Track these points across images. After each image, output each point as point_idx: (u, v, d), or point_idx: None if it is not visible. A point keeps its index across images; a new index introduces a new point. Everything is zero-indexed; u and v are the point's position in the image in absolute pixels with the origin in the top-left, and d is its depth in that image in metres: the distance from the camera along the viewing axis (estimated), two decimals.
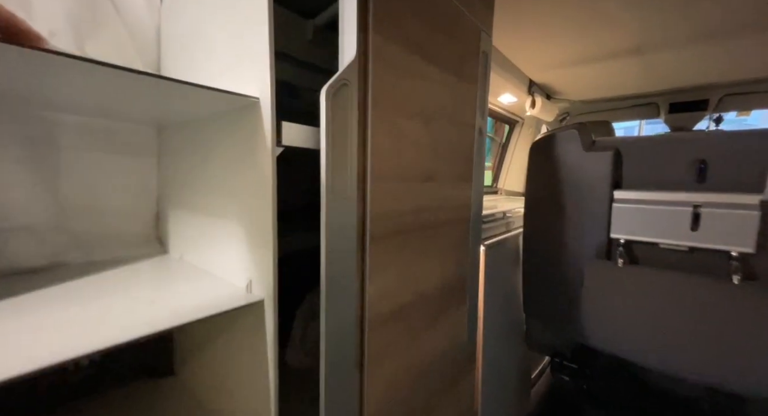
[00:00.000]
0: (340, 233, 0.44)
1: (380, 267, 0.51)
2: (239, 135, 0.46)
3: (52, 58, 0.29)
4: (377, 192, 0.49)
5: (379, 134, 0.49)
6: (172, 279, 0.51)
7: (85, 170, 0.59)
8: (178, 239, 0.65)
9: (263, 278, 0.44)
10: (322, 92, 0.40)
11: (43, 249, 0.53)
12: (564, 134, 0.82)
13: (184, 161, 0.61)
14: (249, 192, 0.45)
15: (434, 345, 0.68)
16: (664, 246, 0.71)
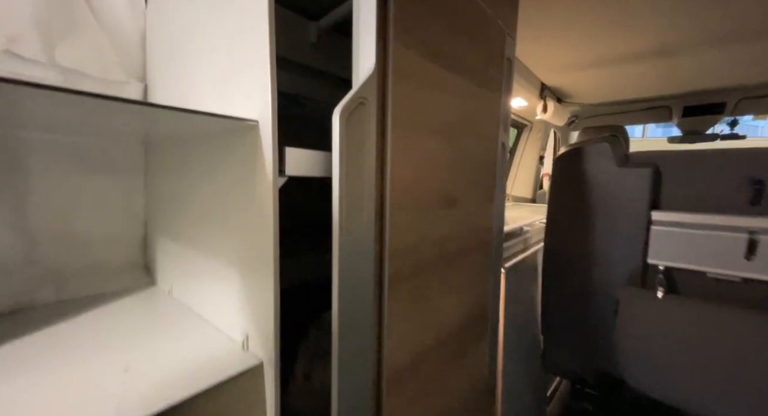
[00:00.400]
0: (354, 277, 0.37)
1: (399, 314, 0.44)
2: (235, 160, 0.38)
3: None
4: (396, 225, 0.42)
5: (398, 157, 0.41)
6: (156, 328, 0.44)
7: (60, 193, 0.52)
8: (166, 269, 0.58)
9: (262, 334, 0.36)
10: (336, 114, 0.33)
11: (7, 289, 0.46)
12: (594, 148, 0.74)
13: (174, 181, 0.54)
14: (246, 227, 0.37)
15: (455, 388, 0.61)
16: (711, 276, 0.63)
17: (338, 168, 0.34)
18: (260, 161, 0.35)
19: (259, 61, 0.33)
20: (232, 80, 0.38)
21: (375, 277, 0.40)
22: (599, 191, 0.73)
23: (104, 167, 0.56)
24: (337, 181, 0.34)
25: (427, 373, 0.51)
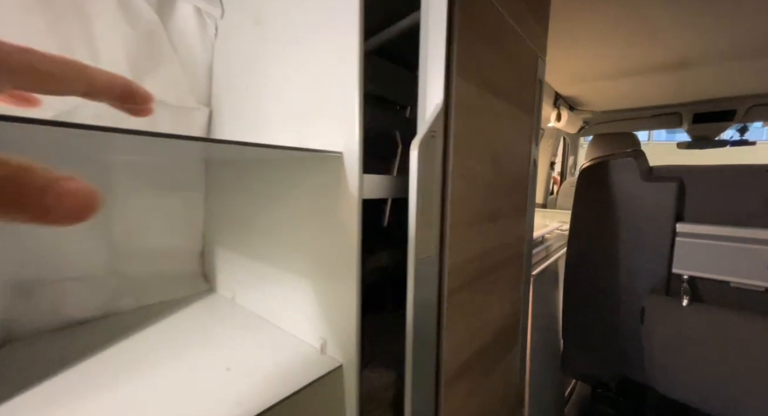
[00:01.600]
0: (423, 287, 0.41)
1: (452, 324, 0.48)
2: (315, 184, 0.43)
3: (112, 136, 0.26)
4: (453, 242, 0.46)
5: (456, 180, 0.46)
6: (234, 332, 0.48)
7: (135, 209, 0.57)
8: (228, 278, 0.62)
9: (341, 338, 0.41)
10: (414, 148, 0.38)
11: (96, 299, 0.51)
12: (619, 162, 0.79)
13: (237, 199, 0.59)
14: (327, 243, 0.42)
15: (490, 395, 0.65)
16: (735, 285, 0.67)
17: (415, 193, 0.38)
18: (343, 185, 0.39)
19: (348, 97, 0.37)
20: (313, 112, 0.43)
21: (437, 288, 0.45)
22: (624, 203, 0.77)
23: (171, 186, 0.61)
24: (414, 204, 0.38)
25: (472, 379, 0.56)
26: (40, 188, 0.14)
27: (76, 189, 0.14)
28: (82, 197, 0.15)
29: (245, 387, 0.35)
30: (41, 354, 0.41)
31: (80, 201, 0.14)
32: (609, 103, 2.07)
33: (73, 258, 0.48)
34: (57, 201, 0.14)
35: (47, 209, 0.14)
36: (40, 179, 0.14)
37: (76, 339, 0.44)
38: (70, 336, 0.45)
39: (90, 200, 0.15)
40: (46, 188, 0.14)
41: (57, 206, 0.14)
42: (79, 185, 0.15)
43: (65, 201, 0.14)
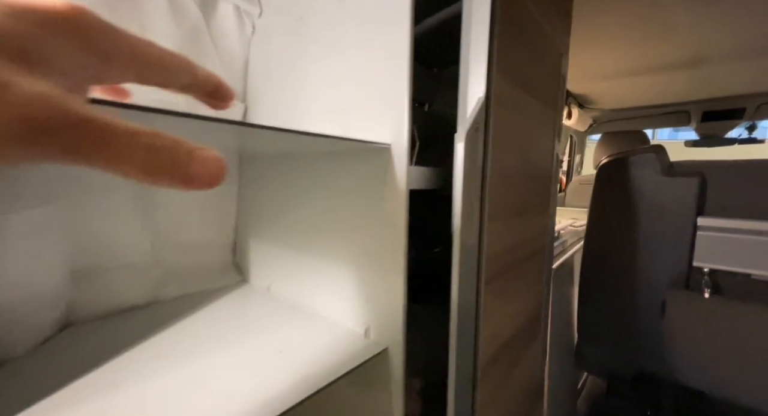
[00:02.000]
0: (466, 275, 0.43)
1: (488, 314, 0.50)
2: (360, 175, 0.45)
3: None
4: (489, 233, 0.48)
5: (493, 173, 0.47)
6: (276, 318, 0.50)
7: (176, 202, 0.58)
8: (261, 269, 0.64)
9: (387, 324, 0.43)
10: (460, 139, 0.39)
11: (143, 287, 0.53)
12: (640, 158, 0.80)
13: (273, 192, 0.60)
14: (371, 233, 0.43)
15: (518, 381, 0.67)
16: (756, 278, 0.68)
17: (461, 185, 0.40)
18: (390, 176, 0.41)
19: (397, 91, 0.39)
20: (356, 107, 0.44)
21: (476, 276, 0.46)
22: (644, 198, 0.78)
23: None
24: (460, 195, 0.40)
25: (502, 367, 0.57)
26: (187, 157, 0.16)
27: (213, 158, 0.17)
28: (217, 165, 0.17)
29: (300, 366, 0.37)
30: (102, 336, 0.43)
31: (216, 169, 0.17)
32: (619, 101, 2.08)
33: (121, 248, 0.50)
34: (200, 168, 0.16)
35: (192, 176, 0.16)
36: (187, 149, 0.16)
37: (131, 324, 0.46)
38: (124, 321, 0.47)
39: (222, 168, 0.17)
40: (192, 156, 0.16)
41: (200, 173, 0.16)
42: (215, 155, 0.17)
43: (206, 168, 0.16)
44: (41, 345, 0.40)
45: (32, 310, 0.38)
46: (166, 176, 0.16)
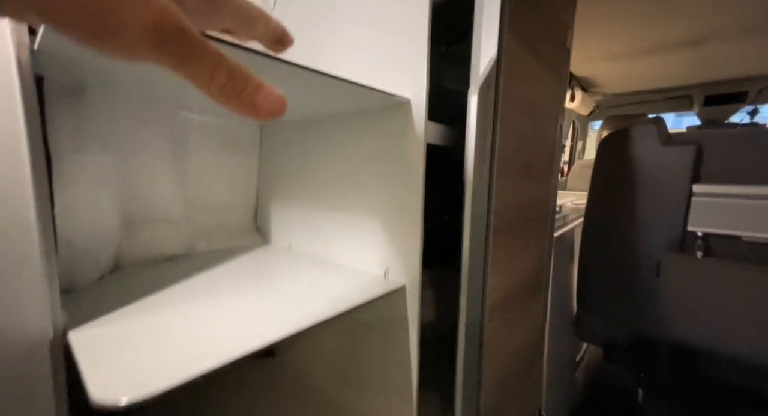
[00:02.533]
0: (476, 226, 0.47)
1: (496, 259, 0.54)
2: (381, 130, 0.49)
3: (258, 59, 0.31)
4: (499, 187, 0.52)
5: (504, 131, 0.51)
6: (301, 266, 0.55)
7: (204, 166, 0.63)
8: (282, 230, 0.69)
9: (404, 265, 0.47)
10: (473, 93, 0.43)
11: (179, 239, 0.57)
12: (640, 129, 0.84)
13: (294, 154, 0.64)
14: (392, 187, 0.48)
15: (521, 334, 0.72)
16: (746, 239, 0.72)
17: (473, 139, 0.44)
18: (410, 130, 0.45)
19: (416, 47, 0.42)
20: (377, 65, 0.48)
21: (485, 226, 0.51)
22: (644, 168, 0.82)
23: (232, 146, 0.67)
24: (472, 149, 0.44)
25: (510, 313, 0.62)
26: (256, 89, 0.20)
27: (277, 95, 0.20)
28: (278, 102, 0.20)
29: (327, 297, 0.42)
30: (150, 275, 0.48)
31: (277, 104, 0.20)
32: (621, 85, 2.09)
33: (160, 203, 0.54)
34: (264, 101, 0.20)
35: (257, 105, 0.20)
36: (257, 83, 0.20)
37: (173, 268, 0.51)
38: (166, 266, 0.52)
39: (282, 104, 0.21)
40: (260, 90, 0.20)
41: (263, 104, 0.20)
42: (278, 92, 0.21)
43: (268, 102, 0.20)
44: (97, 281, 0.45)
45: (92, 248, 0.43)
46: (235, 100, 0.19)
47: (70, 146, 0.38)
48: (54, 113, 0.38)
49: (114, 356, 0.28)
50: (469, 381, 0.50)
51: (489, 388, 0.57)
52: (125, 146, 0.47)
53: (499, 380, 0.62)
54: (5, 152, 0.27)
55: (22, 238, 0.28)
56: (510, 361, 0.67)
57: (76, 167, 0.39)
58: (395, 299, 0.48)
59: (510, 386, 0.69)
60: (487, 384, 0.55)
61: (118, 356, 0.28)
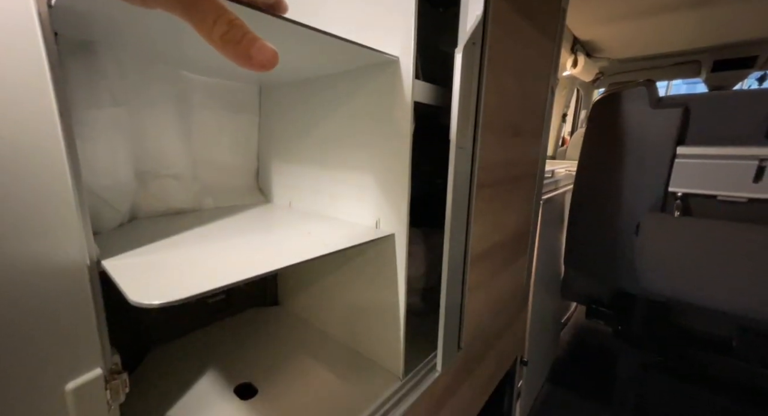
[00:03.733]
0: (459, 180, 0.51)
1: (479, 213, 0.59)
2: (370, 90, 0.51)
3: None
4: (483, 144, 0.56)
5: (489, 90, 0.54)
6: (301, 219, 0.60)
7: (207, 125, 0.66)
8: (282, 190, 0.73)
9: (393, 216, 0.52)
10: (459, 52, 0.45)
11: (187, 195, 0.62)
12: (631, 92, 0.85)
13: (291, 116, 0.67)
14: (382, 143, 0.51)
15: (505, 286, 0.78)
16: (722, 198, 0.76)
17: (458, 96, 0.47)
18: (398, 89, 0.48)
19: (405, 5, 0.44)
20: (363, 23, 0.49)
21: (469, 181, 0.55)
22: (632, 130, 0.84)
23: (233, 107, 0.70)
24: (456, 106, 0.47)
25: (493, 263, 0.68)
26: (252, 41, 0.23)
27: (270, 48, 0.23)
28: (271, 54, 0.24)
29: (324, 240, 0.47)
30: (165, 224, 0.53)
31: (270, 57, 0.23)
32: (626, 49, 2.03)
33: (169, 159, 0.58)
34: (258, 52, 0.23)
35: (251, 56, 0.23)
36: (253, 36, 0.23)
37: (185, 219, 0.56)
38: (178, 218, 0.57)
39: (275, 57, 0.24)
40: (255, 42, 0.23)
41: (257, 56, 0.23)
42: (271, 47, 0.23)
43: (262, 54, 0.23)
44: (118, 228, 0.50)
45: (111, 197, 0.47)
46: (233, 48, 0.22)
47: (84, 101, 0.42)
48: (68, 68, 0.41)
49: (143, 275, 0.34)
50: (451, 319, 0.57)
51: (470, 328, 0.63)
52: (134, 101, 0.50)
53: (480, 323, 0.69)
54: (35, 102, 0.30)
55: (58, 180, 0.32)
56: (492, 308, 0.73)
57: (92, 121, 0.42)
58: (385, 246, 0.53)
59: (492, 331, 0.76)
60: (468, 324, 0.62)
61: (146, 275, 0.34)
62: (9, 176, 0.29)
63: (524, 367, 1.02)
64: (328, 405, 0.50)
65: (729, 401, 0.93)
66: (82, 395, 0.35)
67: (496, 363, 0.82)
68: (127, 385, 0.39)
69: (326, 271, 0.66)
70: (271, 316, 0.76)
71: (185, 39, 0.42)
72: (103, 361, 0.37)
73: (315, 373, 0.57)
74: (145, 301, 0.28)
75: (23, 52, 0.29)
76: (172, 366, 0.58)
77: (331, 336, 0.68)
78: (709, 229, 0.75)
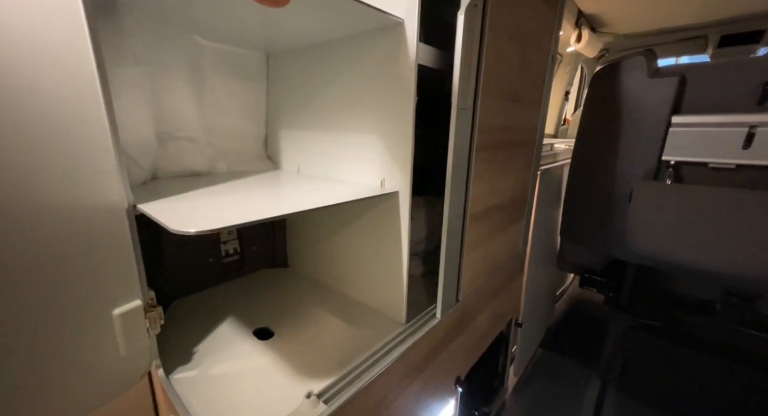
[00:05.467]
0: (460, 141, 0.55)
1: (478, 174, 0.63)
2: (377, 54, 0.54)
3: None
4: (483, 107, 0.58)
5: (489, 54, 0.56)
6: (310, 182, 0.64)
7: (217, 92, 0.68)
8: (290, 156, 0.77)
9: (397, 177, 0.56)
10: (461, 14, 0.48)
11: (202, 158, 0.66)
12: (630, 61, 0.86)
13: (297, 87, 0.70)
14: (387, 105, 0.54)
15: (501, 248, 0.83)
16: (712, 166, 0.79)
17: (459, 58, 0.49)
18: (403, 51, 0.50)
19: None
20: None
21: (469, 142, 0.58)
22: (630, 99, 0.86)
23: (243, 73, 0.72)
24: (458, 68, 0.50)
25: (490, 225, 0.72)
26: None
27: None
28: None
29: (335, 194, 0.51)
30: (184, 183, 0.57)
31: None
32: (632, 23, 2.00)
33: (184, 122, 0.61)
34: None
35: None
36: None
37: (201, 179, 0.60)
38: (195, 179, 0.61)
39: None
40: None
41: None
42: None
43: None
44: (143, 184, 0.54)
45: (136, 153, 0.51)
46: None
47: (111, 59, 0.45)
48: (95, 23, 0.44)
49: (177, 213, 0.38)
50: (450, 272, 0.62)
51: (468, 282, 0.68)
52: (153, 63, 0.53)
53: (477, 279, 0.74)
54: (77, 57, 0.34)
55: (100, 131, 0.36)
56: (488, 267, 0.78)
57: (118, 78, 0.46)
58: (390, 204, 0.57)
59: (488, 289, 0.81)
60: (466, 278, 0.67)
61: (179, 214, 0.38)
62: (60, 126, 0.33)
63: (519, 329, 1.09)
64: (338, 344, 0.55)
65: (712, 359, 0.99)
66: (126, 320, 0.40)
67: (491, 320, 0.88)
68: (162, 318, 0.44)
69: (333, 231, 0.71)
70: (282, 276, 0.81)
71: (196, 1, 0.45)
72: (141, 294, 0.42)
73: (326, 320, 0.62)
74: (183, 229, 0.32)
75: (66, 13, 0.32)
76: (195, 313, 0.63)
77: (339, 290, 0.73)
78: (697, 195, 0.78)
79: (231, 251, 0.76)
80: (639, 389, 1.13)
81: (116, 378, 0.41)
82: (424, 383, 0.60)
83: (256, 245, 0.80)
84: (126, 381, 0.43)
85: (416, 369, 0.57)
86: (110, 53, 0.45)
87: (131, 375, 0.43)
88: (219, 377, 0.47)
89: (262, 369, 0.49)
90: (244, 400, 0.43)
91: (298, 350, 0.54)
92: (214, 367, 0.49)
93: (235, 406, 0.42)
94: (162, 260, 0.63)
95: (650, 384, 1.11)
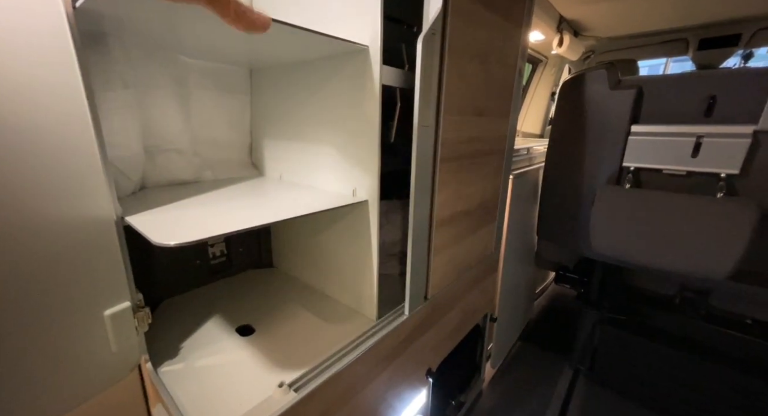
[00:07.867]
0: (423, 154, 0.60)
1: (444, 183, 0.68)
2: (346, 75, 0.59)
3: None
4: (446, 123, 0.64)
5: (450, 75, 0.61)
6: (291, 190, 0.69)
7: (203, 105, 0.73)
8: (273, 163, 0.81)
9: (367, 186, 0.61)
10: (420, 41, 0.53)
11: (188, 168, 0.70)
12: (593, 74, 0.92)
13: (278, 98, 0.74)
14: (356, 122, 0.59)
15: (471, 249, 0.89)
16: (666, 172, 0.85)
17: (420, 80, 0.54)
18: (368, 74, 0.55)
19: (371, 3, 0.51)
20: (343, 13, 0.56)
21: (433, 157, 0.63)
22: (593, 109, 0.92)
23: (227, 87, 0.76)
24: (419, 89, 0.55)
25: (458, 229, 0.78)
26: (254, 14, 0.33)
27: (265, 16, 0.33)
28: (267, 20, 0.34)
29: (309, 204, 0.56)
30: (172, 191, 0.61)
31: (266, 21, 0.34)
32: (614, 28, 2.06)
33: (171, 135, 0.66)
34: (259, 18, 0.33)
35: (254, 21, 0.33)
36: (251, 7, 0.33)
37: (188, 188, 0.65)
38: (182, 187, 0.66)
39: (264, 20, 0.34)
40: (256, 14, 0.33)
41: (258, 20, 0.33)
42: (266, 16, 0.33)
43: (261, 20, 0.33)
44: (131, 195, 0.59)
45: (125, 168, 0.56)
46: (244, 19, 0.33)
47: (100, 85, 0.49)
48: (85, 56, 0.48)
49: (160, 225, 0.43)
50: (418, 273, 0.67)
51: (437, 281, 0.74)
52: (140, 84, 0.58)
53: (446, 279, 0.79)
54: (67, 87, 0.38)
55: (89, 152, 0.41)
56: (458, 268, 0.84)
57: (107, 102, 0.50)
58: (361, 211, 0.63)
59: (459, 287, 0.87)
60: (435, 277, 0.73)
61: (163, 225, 0.43)
62: (53, 149, 0.38)
63: (494, 323, 1.15)
64: (314, 339, 0.61)
65: (673, 350, 1.07)
66: (116, 320, 0.45)
67: (463, 314, 0.94)
68: (149, 317, 0.49)
69: (313, 234, 0.76)
70: (267, 276, 0.86)
71: (181, 26, 0.49)
72: (130, 296, 0.47)
73: (304, 317, 0.68)
74: (164, 242, 0.37)
75: (56, 47, 0.37)
76: (182, 312, 0.68)
77: (319, 289, 0.78)
78: (652, 199, 0.85)
79: (218, 254, 0.81)
80: (606, 378, 1.21)
81: (109, 371, 0.47)
82: (392, 373, 0.66)
83: (242, 247, 0.85)
84: (118, 373, 0.48)
85: (385, 359, 0.63)
86: (99, 79, 0.49)
87: (122, 368, 0.48)
88: (202, 370, 0.53)
89: (242, 363, 0.55)
90: (223, 390, 0.49)
91: (275, 345, 0.59)
92: (198, 361, 0.54)
93: (215, 395, 0.48)
94: (152, 263, 0.68)
95: (616, 374, 1.18)
